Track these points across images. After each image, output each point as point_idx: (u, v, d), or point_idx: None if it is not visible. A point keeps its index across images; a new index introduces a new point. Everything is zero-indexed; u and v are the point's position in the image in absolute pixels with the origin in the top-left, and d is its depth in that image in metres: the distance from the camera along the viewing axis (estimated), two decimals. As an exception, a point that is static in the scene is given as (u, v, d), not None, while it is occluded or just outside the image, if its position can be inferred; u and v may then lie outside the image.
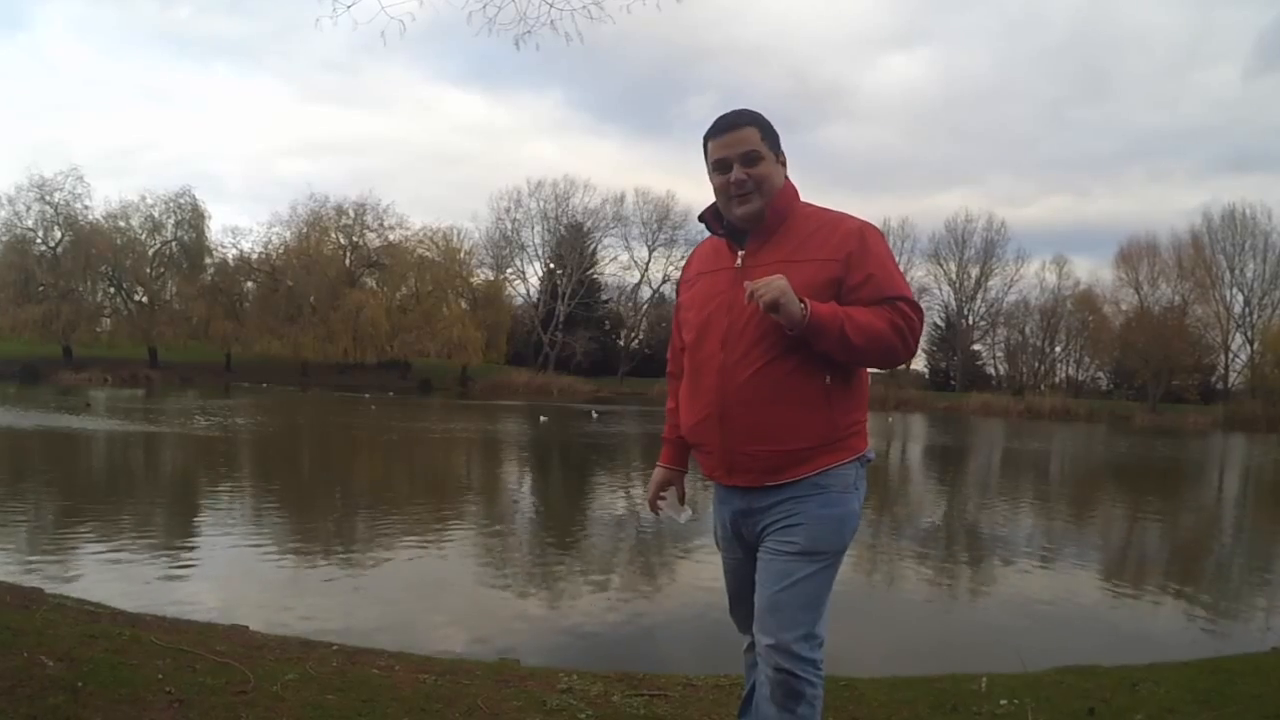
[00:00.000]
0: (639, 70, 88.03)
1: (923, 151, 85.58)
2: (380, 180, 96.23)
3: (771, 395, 1.99)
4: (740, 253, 2.10)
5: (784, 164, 2.15)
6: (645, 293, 63.23)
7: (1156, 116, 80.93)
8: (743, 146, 2.07)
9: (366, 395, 36.26)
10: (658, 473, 2.39)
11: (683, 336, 2.24)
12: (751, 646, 2.21)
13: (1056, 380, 61.35)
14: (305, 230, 54.00)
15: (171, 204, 51.04)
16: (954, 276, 62.30)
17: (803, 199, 2.17)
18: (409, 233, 55.51)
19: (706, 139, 2.13)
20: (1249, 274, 53.40)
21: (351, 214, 54.77)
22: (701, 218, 2.21)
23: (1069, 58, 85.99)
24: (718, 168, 2.10)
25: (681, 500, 2.42)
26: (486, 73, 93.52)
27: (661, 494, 2.39)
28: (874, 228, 2.10)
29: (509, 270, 61.27)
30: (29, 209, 47.68)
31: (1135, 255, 56.18)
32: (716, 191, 2.13)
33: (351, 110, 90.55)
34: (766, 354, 1.98)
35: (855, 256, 2.00)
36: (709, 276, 2.15)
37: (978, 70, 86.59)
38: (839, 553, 2.07)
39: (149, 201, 50.79)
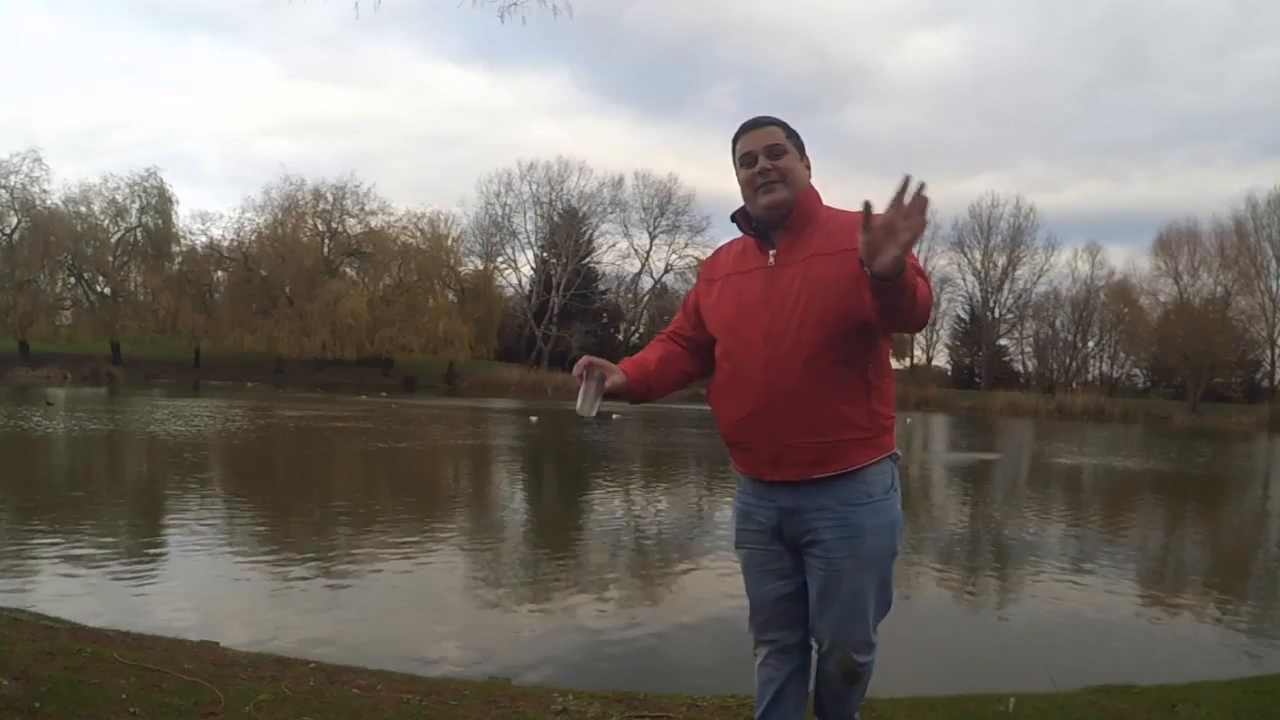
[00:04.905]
0: (652, 48, 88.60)
1: (950, 134, 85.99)
2: (370, 163, 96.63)
3: (820, 388, 2.18)
4: (772, 251, 2.29)
5: (809, 169, 2.37)
6: (646, 283, 63.32)
7: (1198, 98, 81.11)
8: (768, 140, 2.30)
9: (363, 396, 36.30)
10: (606, 362, 2.40)
11: (706, 331, 2.43)
12: (768, 660, 2.40)
13: (1089, 378, 61.41)
14: (280, 216, 54.08)
15: (136, 187, 51.06)
16: (979, 266, 62.36)
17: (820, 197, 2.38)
18: (392, 218, 55.66)
19: (734, 140, 2.36)
20: (1297, 263, 53.37)
21: (330, 198, 54.90)
22: (733, 218, 2.39)
23: (1106, 36, 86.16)
24: (744, 162, 2.32)
25: (596, 392, 2.36)
26: (488, 50, 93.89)
27: (592, 374, 2.36)
28: None
29: (499, 259, 61.37)
30: (-18, 193, 47.74)
31: (1174, 243, 56.23)
32: (743, 186, 2.33)
33: (341, 88, 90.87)
34: (813, 345, 2.17)
35: None
36: (739, 276, 2.35)
37: (1010, 49, 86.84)
38: (895, 555, 2.35)
39: (111, 184, 50.81)
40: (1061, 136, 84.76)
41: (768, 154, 2.28)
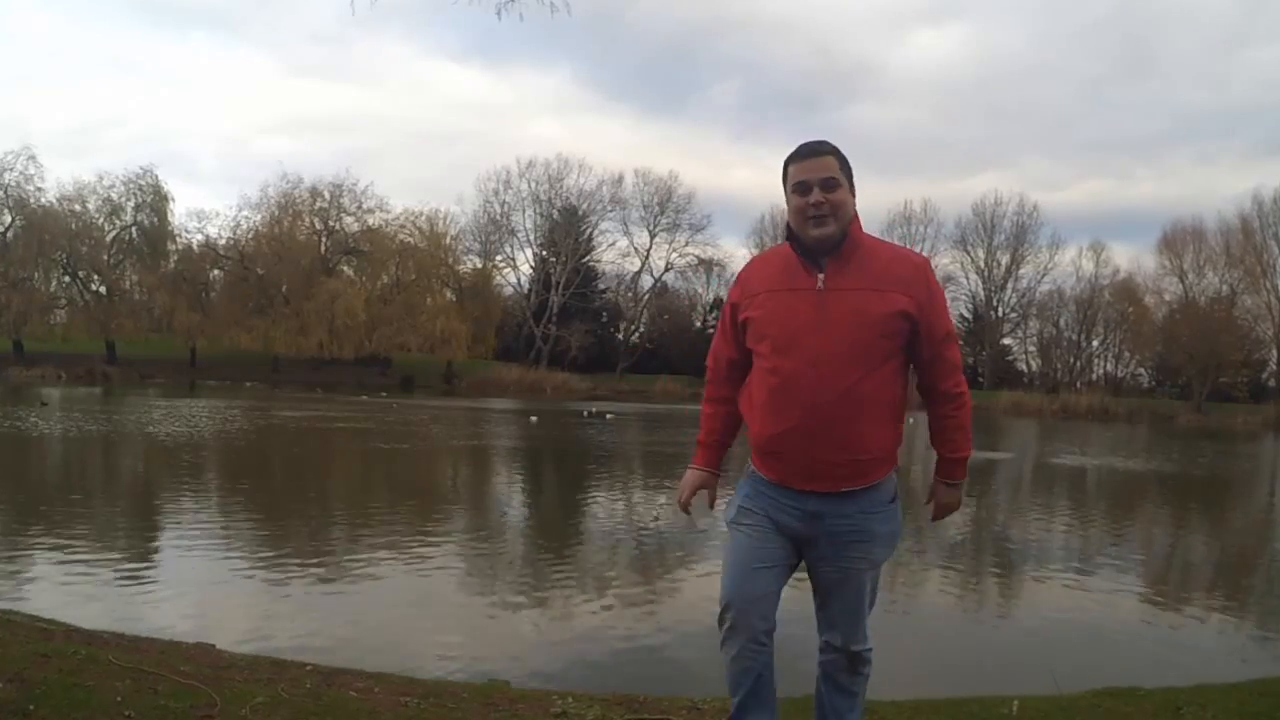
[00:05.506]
0: (654, 45, 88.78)
1: (953, 133, 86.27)
2: (368, 161, 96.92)
3: (858, 411, 2.37)
4: (821, 275, 2.40)
5: (854, 195, 2.48)
6: (646, 281, 63.30)
7: (1204, 96, 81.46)
8: (824, 172, 2.40)
9: (364, 396, 36.32)
10: (694, 475, 2.68)
11: (749, 348, 2.52)
12: (746, 650, 2.46)
13: (1094, 377, 61.41)
14: (277, 214, 54.01)
15: (131, 185, 51.06)
16: (982, 264, 62.41)
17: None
18: (390, 216, 55.60)
19: (788, 163, 2.47)
20: (1303, 261, 53.31)
21: (327, 196, 54.82)
22: (789, 236, 2.51)
23: (1111, 34, 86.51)
24: (797, 189, 2.42)
25: (711, 504, 2.69)
26: (488, 48, 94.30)
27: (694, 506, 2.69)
28: (930, 263, 2.59)
29: (498, 257, 61.32)
30: (-25, 192, 47.71)
31: (1180, 241, 56.23)
32: (794, 212, 2.44)
33: (340, 85, 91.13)
34: (857, 373, 2.35)
35: (925, 300, 2.42)
36: (785, 295, 2.44)
37: (1014, 47, 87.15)
38: (891, 556, 2.62)
39: (106, 183, 50.82)
40: (1065, 134, 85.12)
41: (823, 187, 2.38)
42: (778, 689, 2.58)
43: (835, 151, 2.45)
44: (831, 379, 2.34)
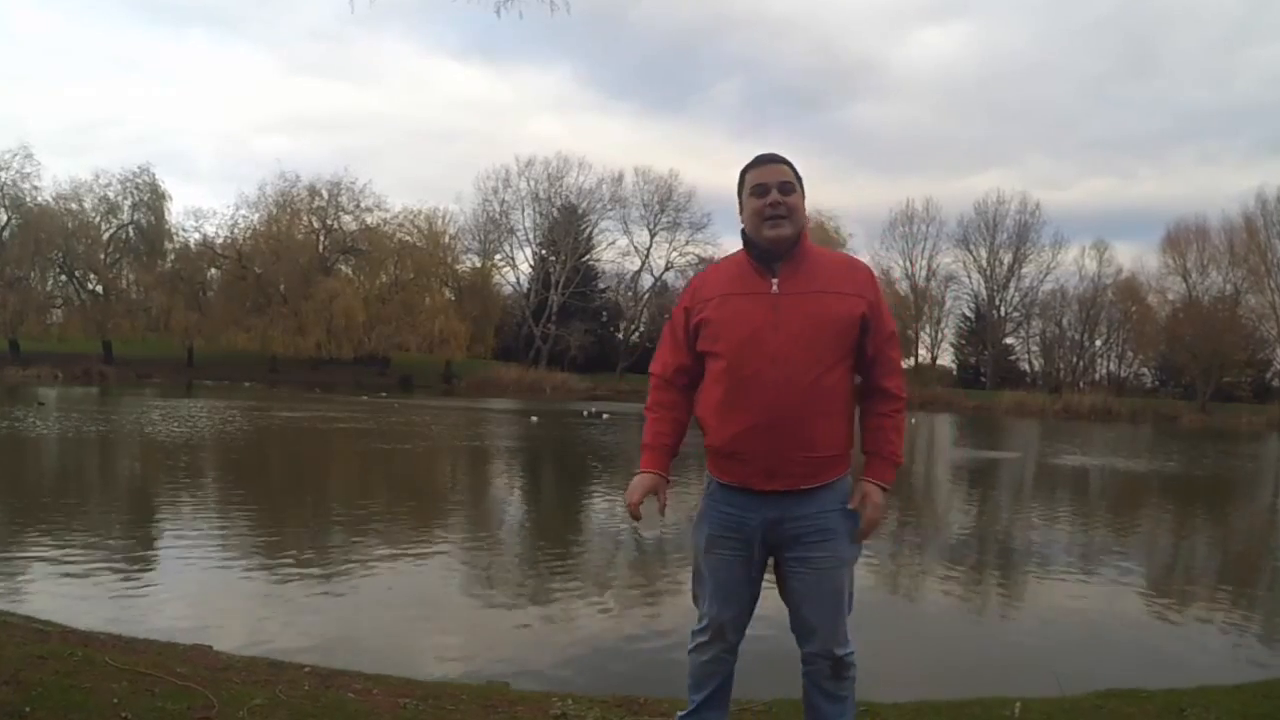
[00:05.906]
0: (656, 43, 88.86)
1: (956, 131, 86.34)
2: (367, 159, 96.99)
3: (817, 407, 2.44)
4: (774, 280, 2.50)
5: (804, 209, 2.59)
6: (646, 280, 63.28)
7: (1207, 94, 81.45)
8: (781, 177, 2.54)
9: (364, 396, 36.32)
10: (645, 479, 2.62)
11: (701, 352, 2.56)
12: (720, 656, 2.62)
13: (1096, 377, 61.36)
14: (275, 213, 53.99)
15: (128, 184, 51.04)
16: (984, 263, 62.36)
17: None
18: (388, 215, 55.56)
19: (745, 172, 2.59)
20: (1307, 260, 53.26)
21: (325, 195, 54.77)
22: (745, 243, 2.58)
23: (1114, 32, 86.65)
24: (755, 192, 2.54)
25: (662, 509, 2.64)
26: (488, 46, 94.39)
27: (644, 511, 2.61)
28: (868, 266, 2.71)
29: (497, 256, 61.29)
30: (-30, 191, 47.69)
31: (1183, 240, 56.19)
32: (751, 214, 2.54)
33: (339, 83, 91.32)
34: (815, 370, 2.43)
35: (874, 301, 2.54)
36: (742, 298, 2.51)
37: (1016, 45, 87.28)
38: (859, 556, 2.64)
39: (103, 181, 50.79)
40: (1068, 133, 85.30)
41: (780, 190, 2.51)
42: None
43: (790, 163, 2.58)
44: (792, 376, 2.41)
